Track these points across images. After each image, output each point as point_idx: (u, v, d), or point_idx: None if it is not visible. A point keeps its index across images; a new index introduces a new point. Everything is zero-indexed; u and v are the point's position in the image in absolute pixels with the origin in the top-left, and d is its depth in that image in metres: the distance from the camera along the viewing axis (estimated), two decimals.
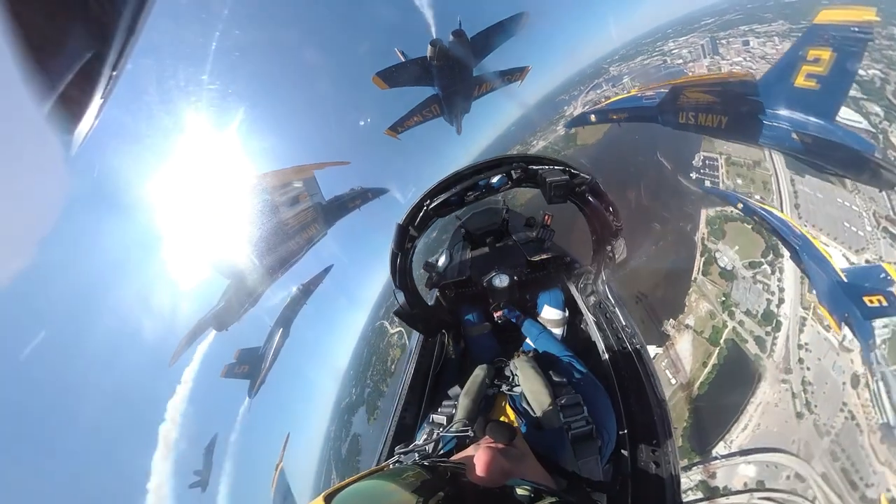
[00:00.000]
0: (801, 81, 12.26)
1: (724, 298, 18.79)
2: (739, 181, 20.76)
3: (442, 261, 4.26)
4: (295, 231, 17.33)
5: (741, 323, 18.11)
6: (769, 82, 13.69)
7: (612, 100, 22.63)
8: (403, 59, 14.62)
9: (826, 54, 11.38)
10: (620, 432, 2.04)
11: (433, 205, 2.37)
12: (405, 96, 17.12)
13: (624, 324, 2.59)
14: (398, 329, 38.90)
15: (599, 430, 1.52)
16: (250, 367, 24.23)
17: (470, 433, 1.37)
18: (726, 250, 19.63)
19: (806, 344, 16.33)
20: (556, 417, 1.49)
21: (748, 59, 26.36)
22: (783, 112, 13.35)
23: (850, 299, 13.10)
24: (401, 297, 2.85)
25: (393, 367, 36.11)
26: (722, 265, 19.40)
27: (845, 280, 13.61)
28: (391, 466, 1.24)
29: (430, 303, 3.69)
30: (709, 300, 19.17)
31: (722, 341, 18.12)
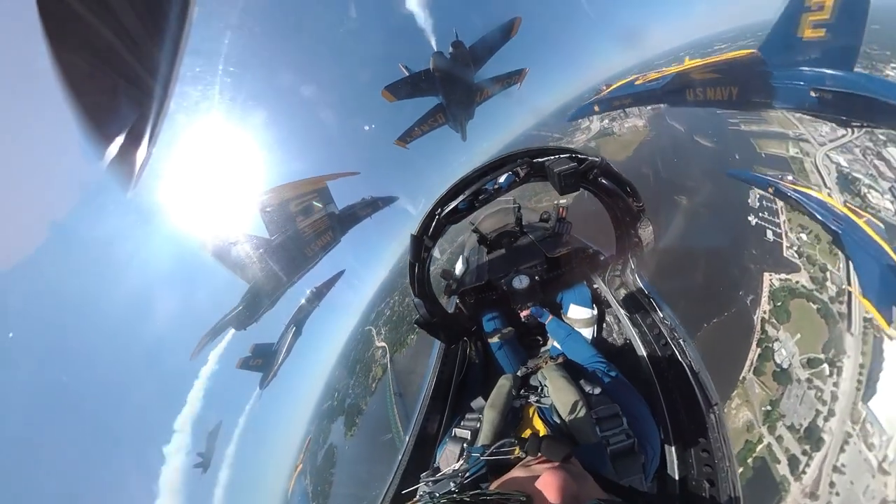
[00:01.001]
0: (807, 33, 11.42)
1: (769, 408, 16.31)
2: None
3: (459, 267, 4.20)
4: (310, 239, 18.31)
5: (779, 439, 15.67)
6: (774, 41, 12.90)
7: (612, 87, 22.32)
8: (407, 73, 15.46)
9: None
10: (666, 445, 1.83)
11: (444, 212, 2.36)
12: (408, 106, 17.97)
13: (661, 316, 2.37)
14: (383, 344, 39.19)
15: (642, 443, 1.38)
16: (264, 361, 26.39)
17: (518, 454, 1.17)
18: (787, 341, 17.08)
19: (842, 465, 14.43)
20: (593, 431, 1.36)
21: None
22: (795, 70, 12.46)
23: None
24: (421, 308, 2.77)
25: (374, 385, 36.22)
26: (778, 361, 16.85)
27: None
28: (425, 499, 1.14)
29: (450, 310, 3.58)
30: (752, 408, 16.56)
31: (750, 461, 15.45)
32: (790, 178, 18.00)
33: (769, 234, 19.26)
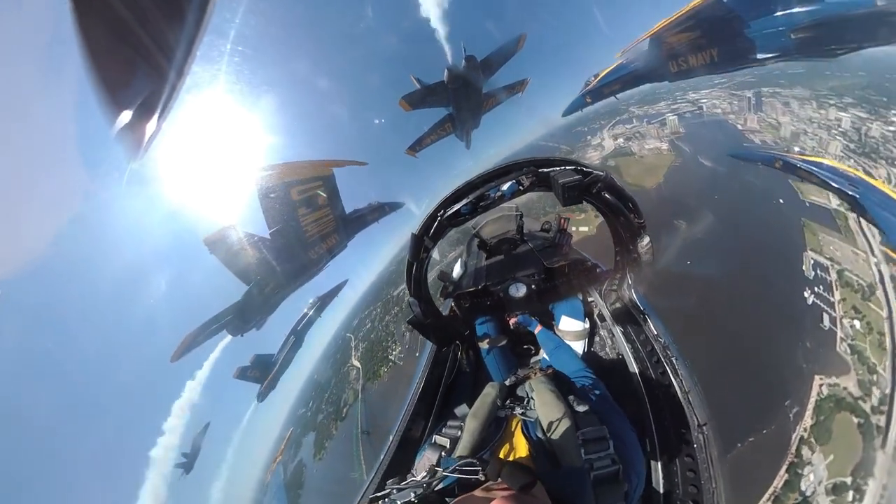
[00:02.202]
0: None
1: None
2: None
3: (457, 270, 4.17)
4: (315, 240, 17.16)
5: None
6: None
7: (601, 76, 22.80)
8: (418, 84, 16.77)
9: None
10: (652, 461, 1.80)
11: (447, 214, 2.37)
12: (415, 114, 18.89)
13: (655, 333, 2.31)
14: (358, 364, 38.33)
15: (627, 471, 1.28)
16: (261, 372, 25.54)
17: (481, 476, 1.14)
18: (819, 464, 15.18)
19: None
20: (578, 453, 1.27)
21: (794, 120, 26.73)
22: (770, 18, 12.57)
23: None
24: (415, 307, 2.76)
25: (345, 411, 35.28)
26: (804, 488, 14.85)
27: None
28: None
29: (445, 313, 3.57)
30: None
31: None
32: (797, 149, 17.64)
33: (825, 320, 17.32)
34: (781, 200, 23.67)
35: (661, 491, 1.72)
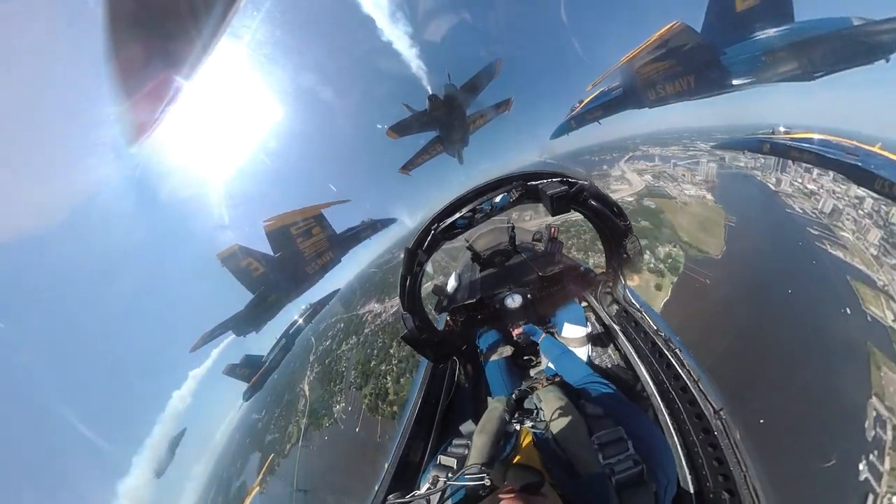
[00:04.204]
0: (740, 5, 12.14)
1: None
2: None
3: (451, 284, 4.13)
4: (311, 257, 20.50)
5: None
6: (712, 23, 13.55)
7: (584, 102, 23.77)
8: (409, 111, 17.91)
9: None
10: (675, 460, 1.71)
11: (440, 228, 2.40)
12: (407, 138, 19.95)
13: (655, 328, 2.33)
14: (307, 392, 37.67)
15: (652, 469, 1.19)
16: (250, 372, 26.83)
17: (486, 481, 1.12)
18: None
19: None
20: (595, 459, 1.21)
21: (817, 188, 29.84)
22: (743, 43, 12.98)
23: None
24: (409, 322, 2.70)
25: (287, 449, 34.78)
26: None
27: None
28: None
29: (440, 328, 3.51)
30: None
31: None
32: (781, 128, 17.17)
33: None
34: (848, 310, 23.42)
35: (692, 489, 1.64)
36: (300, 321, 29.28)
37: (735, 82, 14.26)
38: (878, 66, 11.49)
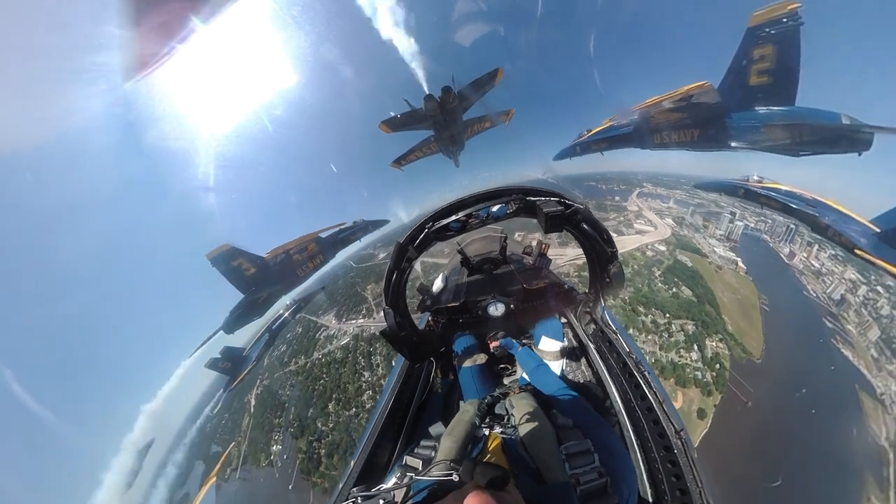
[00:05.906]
0: (754, 80, 13.29)
1: None
2: None
3: (437, 284, 4.11)
4: (303, 261, 21.45)
5: None
6: (726, 90, 14.67)
7: (592, 132, 24.85)
8: (410, 106, 17.70)
9: (768, 50, 12.55)
10: (638, 472, 1.81)
11: (434, 227, 2.40)
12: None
13: (628, 350, 2.41)
14: (253, 403, 36.42)
15: (616, 482, 1.22)
16: (232, 364, 26.98)
17: (454, 477, 1.12)
18: None
19: None
20: (562, 468, 1.23)
21: (820, 265, 30.35)
22: (747, 112, 14.20)
23: (892, 245, 12.89)
24: (390, 318, 2.64)
25: (228, 473, 33.59)
26: None
27: (879, 230, 13.46)
28: None
29: (421, 327, 3.53)
30: None
31: None
32: (755, 177, 18.96)
33: None
34: (854, 431, 23.12)
35: (651, 500, 1.77)
36: (286, 315, 29.65)
37: (733, 144, 15.49)
38: (851, 157, 13.15)
